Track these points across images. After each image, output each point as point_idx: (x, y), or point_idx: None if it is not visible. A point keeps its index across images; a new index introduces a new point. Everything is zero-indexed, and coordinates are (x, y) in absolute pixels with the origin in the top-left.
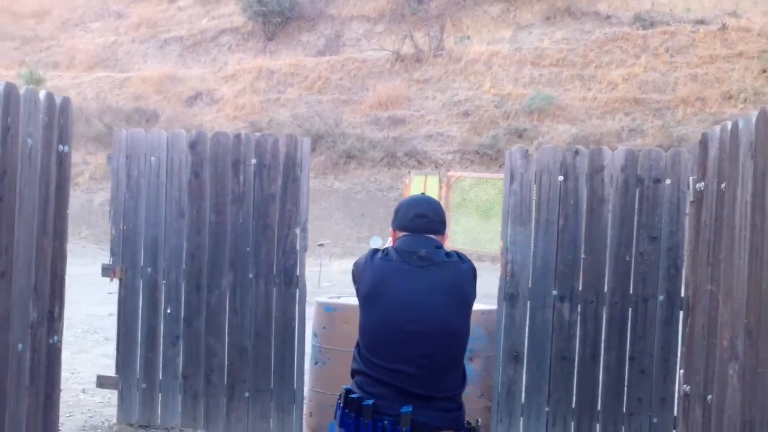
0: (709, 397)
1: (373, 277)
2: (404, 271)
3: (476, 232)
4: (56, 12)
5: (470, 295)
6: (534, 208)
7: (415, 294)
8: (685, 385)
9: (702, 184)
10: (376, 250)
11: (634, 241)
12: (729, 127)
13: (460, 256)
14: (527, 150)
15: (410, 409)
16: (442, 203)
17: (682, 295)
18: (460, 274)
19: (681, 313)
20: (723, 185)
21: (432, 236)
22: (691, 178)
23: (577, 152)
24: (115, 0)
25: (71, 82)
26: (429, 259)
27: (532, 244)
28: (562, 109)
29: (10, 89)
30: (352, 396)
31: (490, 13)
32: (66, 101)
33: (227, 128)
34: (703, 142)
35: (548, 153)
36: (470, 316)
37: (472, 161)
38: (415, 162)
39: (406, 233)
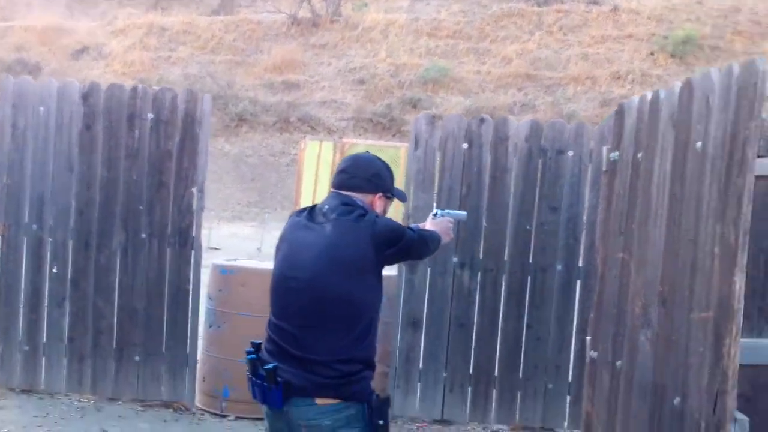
0: (619, 362)
1: (281, 234)
2: (301, 226)
3: None
4: None
5: (359, 256)
6: (437, 175)
7: (298, 249)
8: (592, 351)
9: (616, 153)
10: (301, 210)
11: (535, 211)
12: (649, 98)
13: (366, 215)
14: (433, 116)
15: (272, 366)
16: (332, 170)
17: (580, 264)
18: (351, 232)
19: (578, 283)
20: (640, 155)
21: (352, 193)
22: (604, 147)
23: (482, 120)
24: None
25: None
26: (326, 214)
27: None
28: (457, 82)
29: None
30: (247, 350)
31: None
32: None
33: None
34: (620, 112)
35: (454, 120)
36: (364, 279)
37: (366, 129)
38: (309, 128)
39: (331, 190)
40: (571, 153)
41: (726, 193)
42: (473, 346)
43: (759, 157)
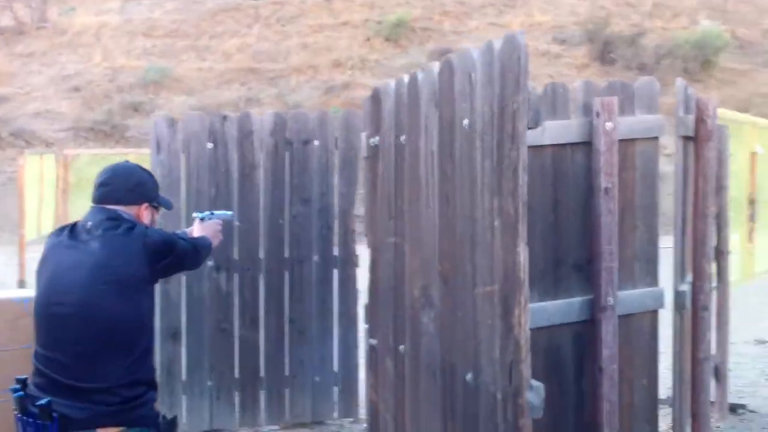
0: (402, 347)
1: (41, 256)
2: (63, 246)
3: None
4: None
5: (131, 273)
6: (184, 179)
7: (61, 271)
8: (371, 339)
9: (377, 138)
10: (61, 228)
11: (287, 204)
12: (406, 81)
13: (135, 228)
14: (173, 118)
15: (47, 401)
16: (60, 185)
17: (335, 254)
18: (121, 247)
19: (335, 272)
20: (402, 138)
21: (116, 206)
22: (363, 133)
23: (225, 118)
24: None
25: None
26: (90, 231)
27: (183, 216)
28: (179, 81)
29: None
30: (12, 387)
31: None
32: None
33: None
34: (375, 97)
35: (195, 120)
36: (139, 297)
37: (87, 138)
38: (23, 142)
39: (92, 205)
40: (316, 143)
41: (500, 166)
42: (236, 350)
43: (528, 129)
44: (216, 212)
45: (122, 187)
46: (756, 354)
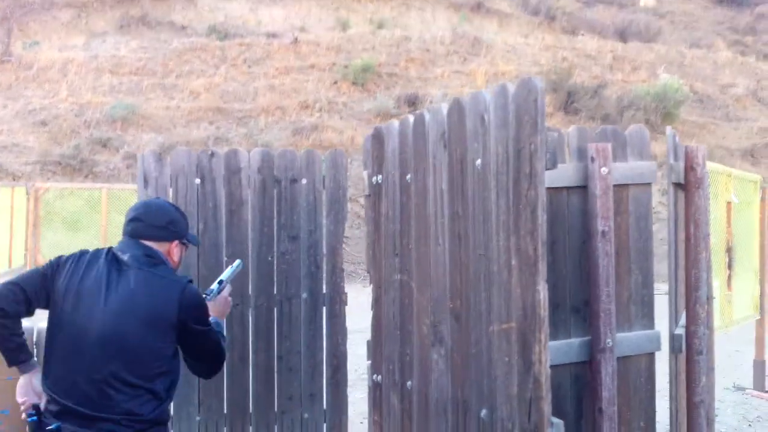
0: (409, 383)
1: (59, 277)
2: (92, 271)
3: (63, 246)
4: None
5: (163, 314)
6: None
7: (91, 297)
8: (375, 375)
9: (380, 176)
10: (84, 252)
11: (275, 241)
12: (411, 121)
13: (177, 279)
14: (160, 153)
15: (56, 426)
16: (30, 218)
17: (324, 291)
18: (158, 287)
19: (324, 310)
20: (408, 177)
21: (148, 242)
22: (365, 172)
23: (212, 154)
24: None
25: None
26: (127, 263)
27: None
28: (146, 118)
29: None
30: (28, 413)
31: (60, 18)
32: None
33: None
34: (377, 136)
35: (183, 156)
36: (163, 336)
37: (55, 172)
38: None
39: (123, 237)
40: (304, 181)
41: (517, 206)
42: (225, 384)
43: (546, 170)
44: (228, 272)
45: (155, 223)
46: (736, 400)
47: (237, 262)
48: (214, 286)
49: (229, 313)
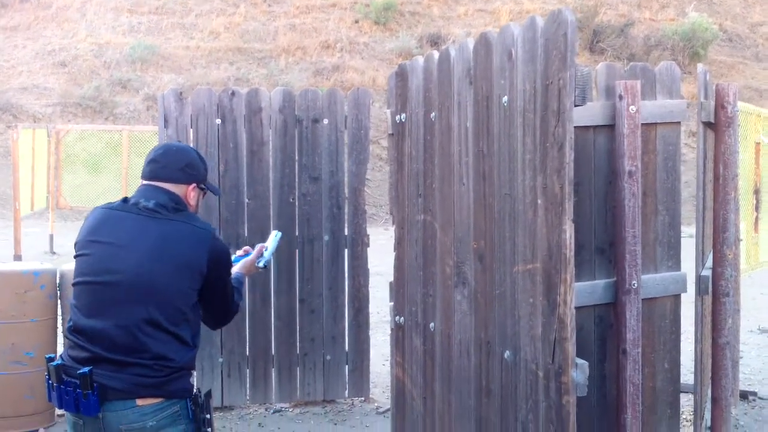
0: (432, 324)
1: (89, 228)
2: (121, 218)
3: (85, 188)
4: None
5: (191, 260)
6: None
7: (121, 242)
8: (397, 317)
9: (403, 115)
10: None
11: (296, 182)
12: (436, 57)
13: (205, 228)
14: (181, 92)
15: (87, 370)
16: (52, 160)
17: (346, 233)
18: (188, 235)
19: (346, 252)
20: (432, 115)
21: (164, 184)
22: (388, 110)
23: (233, 93)
24: None
25: None
26: (155, 210)
27: None
28: (166, 59)
29: None
30: (48, 356)
31: None
32: None
33: None
34: (401, 74)
35: (204, 95)
36: (191, 280)
37: (75, 114)
38: (11, 117)
39: (143, 182)
40: (326, 121)
41: (544, 144)
42: (248, 327)
43: (576, 106)
44: (270, 247)
45: (173, 166)
46: (760, 343)
47: (277, 233)
48: (267, 254)
49: None
